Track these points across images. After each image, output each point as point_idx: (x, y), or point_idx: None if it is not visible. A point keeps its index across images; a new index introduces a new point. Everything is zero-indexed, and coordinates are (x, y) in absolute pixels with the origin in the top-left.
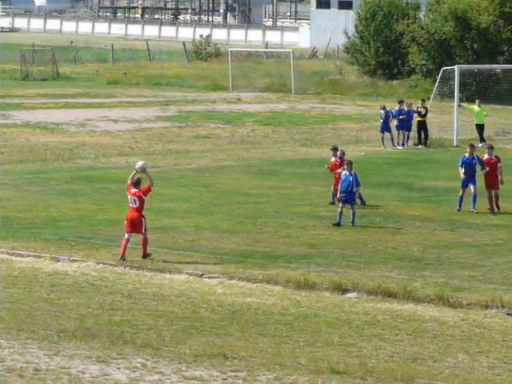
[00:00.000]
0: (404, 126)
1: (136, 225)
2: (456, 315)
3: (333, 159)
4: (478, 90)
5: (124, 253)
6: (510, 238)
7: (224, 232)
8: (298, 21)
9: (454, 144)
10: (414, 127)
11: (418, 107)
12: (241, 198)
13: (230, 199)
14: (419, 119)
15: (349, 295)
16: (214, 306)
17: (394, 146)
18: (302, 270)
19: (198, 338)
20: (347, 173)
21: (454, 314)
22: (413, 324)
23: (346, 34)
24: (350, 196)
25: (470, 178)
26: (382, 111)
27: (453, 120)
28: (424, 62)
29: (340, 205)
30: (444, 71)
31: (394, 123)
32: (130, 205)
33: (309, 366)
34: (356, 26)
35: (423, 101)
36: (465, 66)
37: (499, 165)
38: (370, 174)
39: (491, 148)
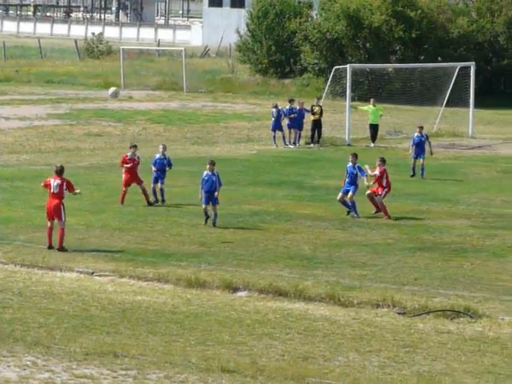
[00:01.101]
0: (296, 124)
1: (55, 211)
2: (347, 314)
3: (128, 155)
4: (370, 89)
5: (50, 241)
6: (401, 237)
7: (115, 230)
8: (190, 19)
9: (346, 143)
10: (307, 126)
11: (312, 105)
12: (132, 196)
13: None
14: (314, 118)
15: (240, 294)
16: (104, 304)
17: (286, 144)
18: (192, 268)
19: (88, 336)
20: (209, 173)
21: (345, 313)
22: (304, 323)
23: (239, 32)
24: (212, 196)
25: (349, 184)
26: (274, 110)
27: (345, 119)
28: (316, 61)
29: (203, 205)
30: (336, 70)
31: (285, 122)
32: (51, 191)
33: (199, 364)
34: (248, 25)
35: (318, 99)
36: (357, 65)
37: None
38: (261, 172)
39: (383, 161)
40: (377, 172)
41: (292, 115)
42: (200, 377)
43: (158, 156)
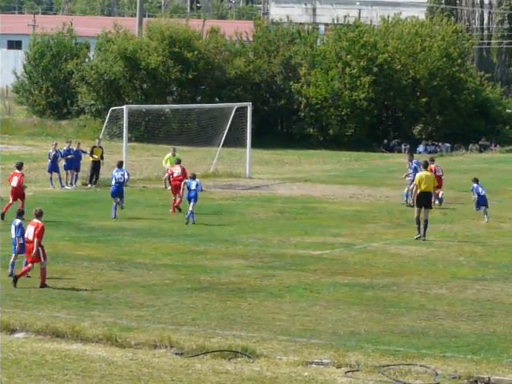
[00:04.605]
0: (72, 165)
1: None
2: (125, 355)
3: None
4: (148, 129)
5: None
6: (179, 277)
7: None
8: None
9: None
10: (84, 167)
11: (94, 146)
12: None
13: None
14: (94, 159)
15: (17, 335)
16: None
17: (63, 185)
18: None
19: None
20: None
21: (122, 354)
22: (81, 364)
23: (15, 73)
24: None
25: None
26: (51, 151)
27: (123, 159)
28: (93, 102)
29: None
30: (113, 111)
31: (62, 163)
32: None
33: None
34: (25, 66)
35: (100, 140)
36: (134, 106)
37: None
38: None
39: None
40: None
41: (69, 156)
42: None
43: None
